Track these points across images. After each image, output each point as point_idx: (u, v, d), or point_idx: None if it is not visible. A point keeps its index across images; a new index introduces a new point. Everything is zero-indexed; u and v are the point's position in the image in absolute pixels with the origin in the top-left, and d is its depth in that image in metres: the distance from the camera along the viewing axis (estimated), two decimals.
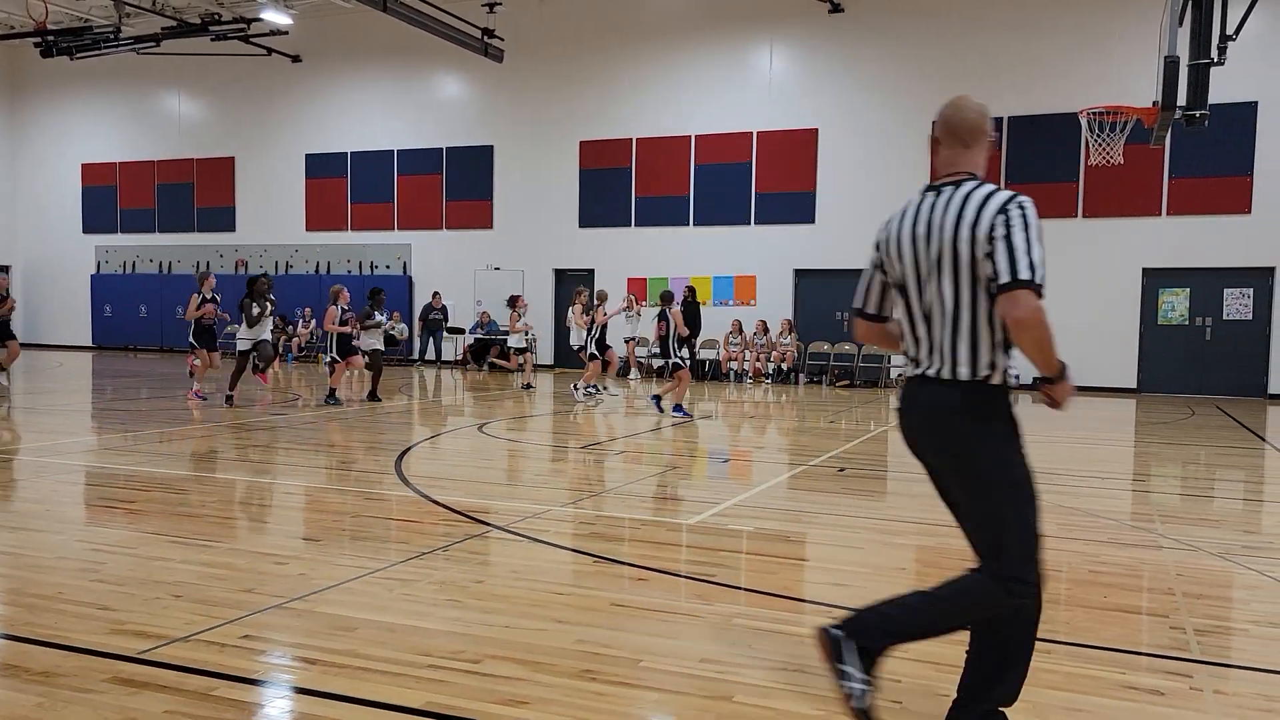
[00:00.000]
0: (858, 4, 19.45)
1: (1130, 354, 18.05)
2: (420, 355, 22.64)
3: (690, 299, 14.95)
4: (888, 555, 5.33)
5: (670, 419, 11.94)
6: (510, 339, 17.08)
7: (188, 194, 25.97)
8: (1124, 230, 17.94)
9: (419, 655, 3.54)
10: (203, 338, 13.04)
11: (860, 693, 2.71)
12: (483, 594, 4.35)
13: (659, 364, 12.71)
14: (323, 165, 24.33)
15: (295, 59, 24.08)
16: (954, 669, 3.47)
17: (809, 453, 9.41)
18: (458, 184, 23.04)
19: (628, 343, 19.27)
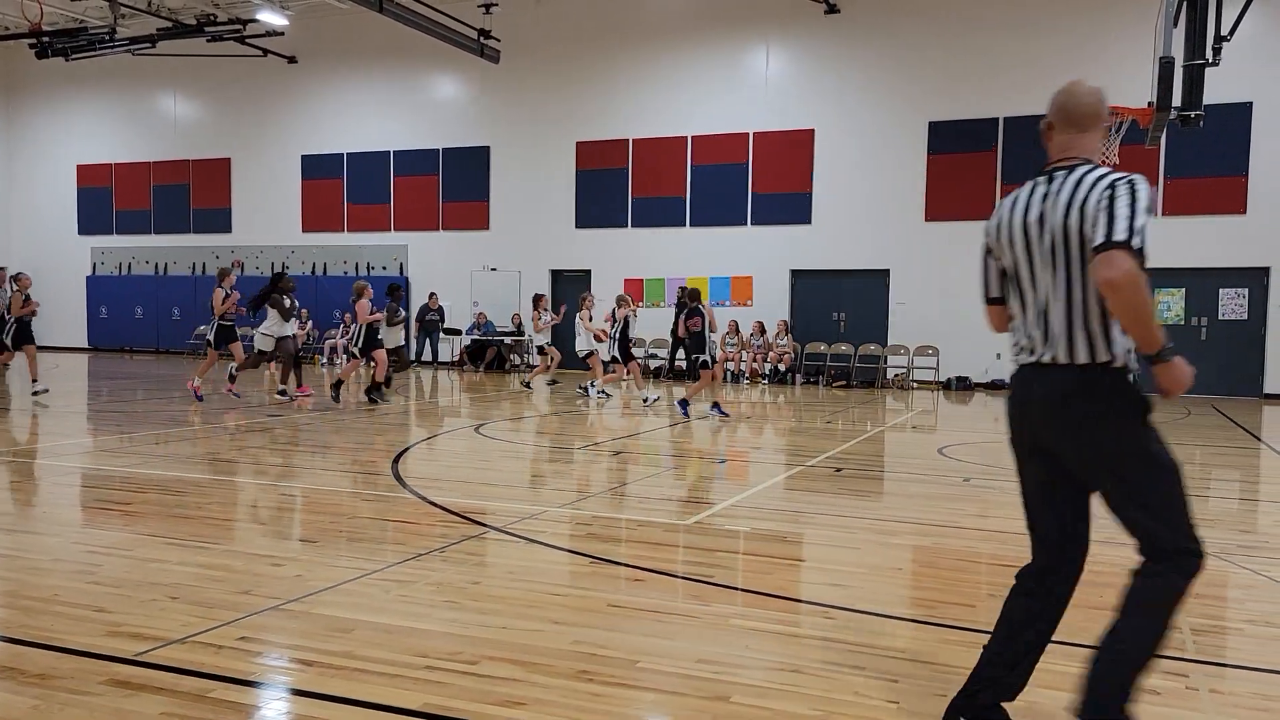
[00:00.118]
0: (854, 5, 19.48)
1: None
2: (417, 356, 22.63)
3: (682, 297, 14.97)
4: (884, 555, 5.34)
5: (704, 417, 11.84)
6: (536, 338, 16.82)
7: (183, 195, 25.94)
8: None
9: (416, 656, 3.54)
10: (223, 335, 12.84)
11: None
12: (479, 595, 4.35)
13: (692, 360, 12.63)
14: (319, 166, 24.31)
15: (291, 60, 24.07)
16: (952, 669, 3.49)
17: (806, 453, 9.42)
18: (454, 185, 23.03)
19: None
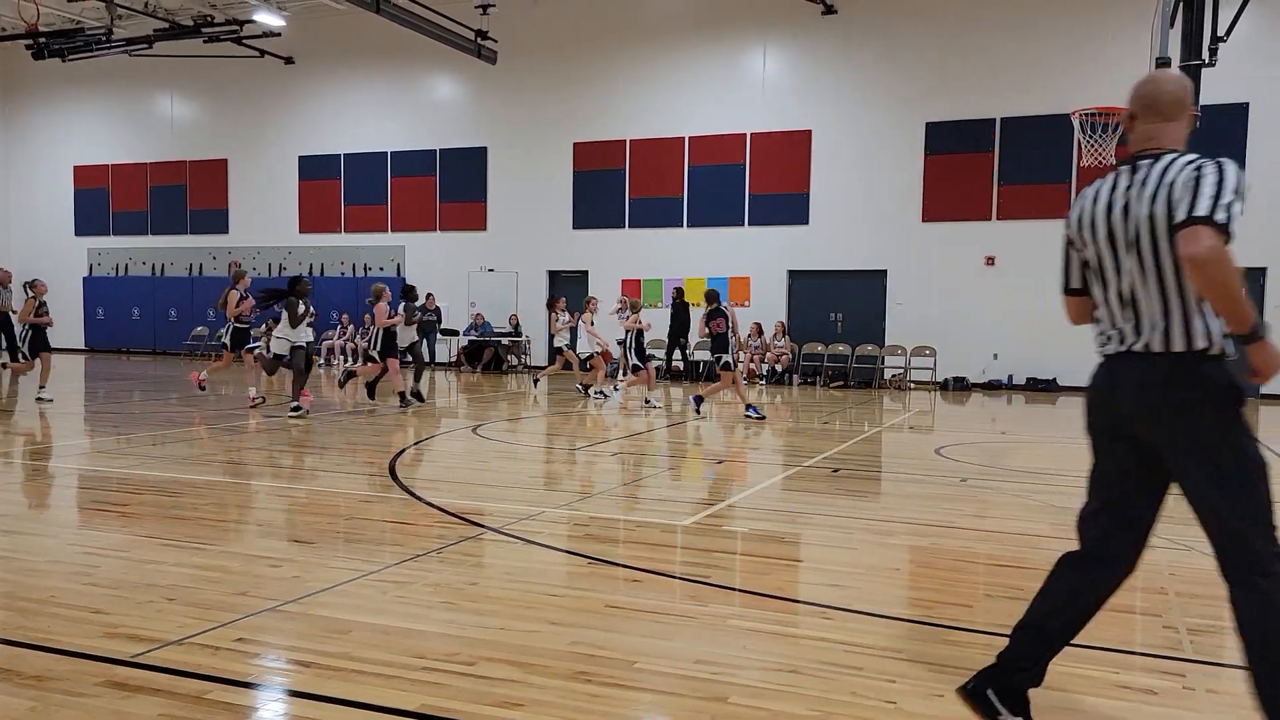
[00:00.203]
0: (851, 6, 19.49)
1: None
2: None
3: (679, 299, 14.97)
4: (882, 556, 5.34)
5: (699, 417, 11.80)
6: (556, 339, 16.59)
7: (180, 196, 25.91)
8: None
9: (413, 657, 3.54)
10: (237, 338, 12.74)
11: None
12: (477, 596, 4.34)
13: (714, 360, 12.59)
14: (316, 167, 24.30)
15: (288, 61, 24.05)
16: (950, 669, 3.48)
17: (803, 454, 9.42)
18: (451, 186, 23.02)
19: (620, 344, 19.22)
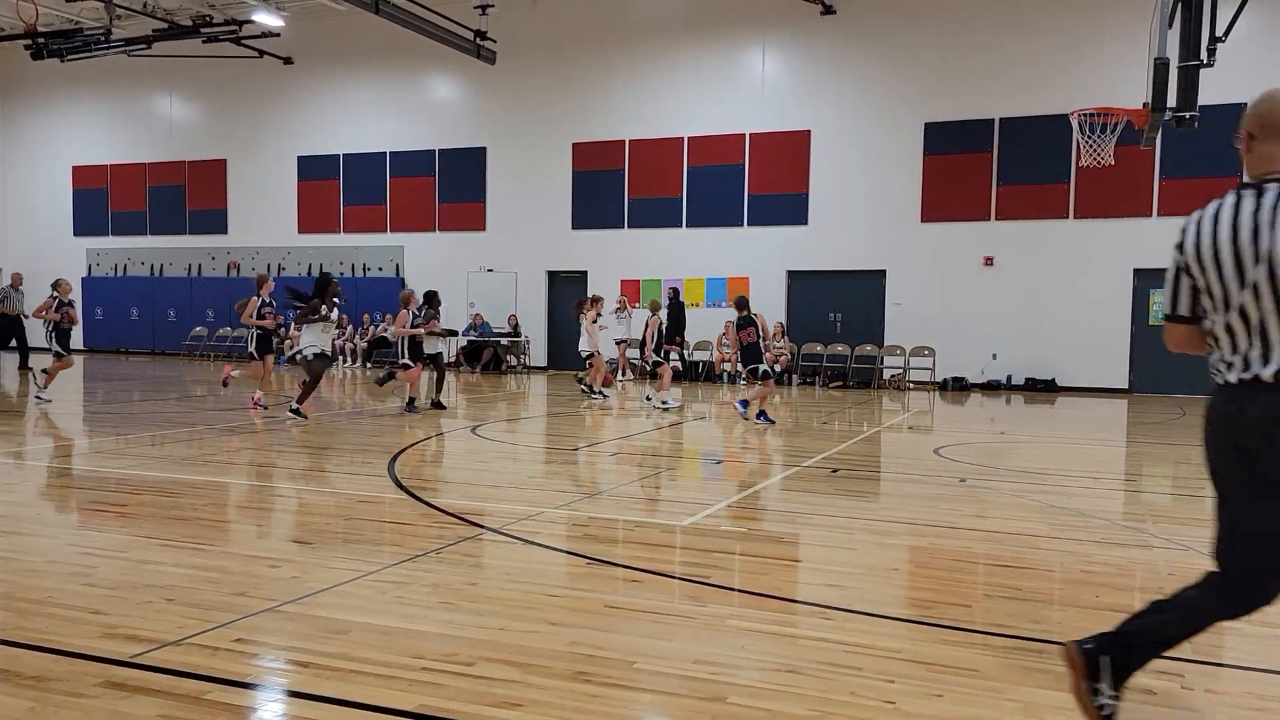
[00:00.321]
0: (850, 6, 19.50)
1: (1121, 354, 18.11)
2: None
3: (676, 299, 14.94)
4: (881, 556, 5.34)
5: (757, 424, 11.76)
6: (583, 343, 16.20)
7: (179, 196, 25.90)
8: (1115, 231, 18.01)
9: (412, 658, 3.54)
10: (262, 344, 12.68)
11: None
12: (476, 596, 4.34)
13: (750, 370, 12.44)
14: (315, 167, 24.29)
15: (287, 61, 24.04)
16: (949, 669, 3.49)
17: (802, 454, 9.42)
18: (450, 186, 23.01)
19: (619, 345, 19.24)
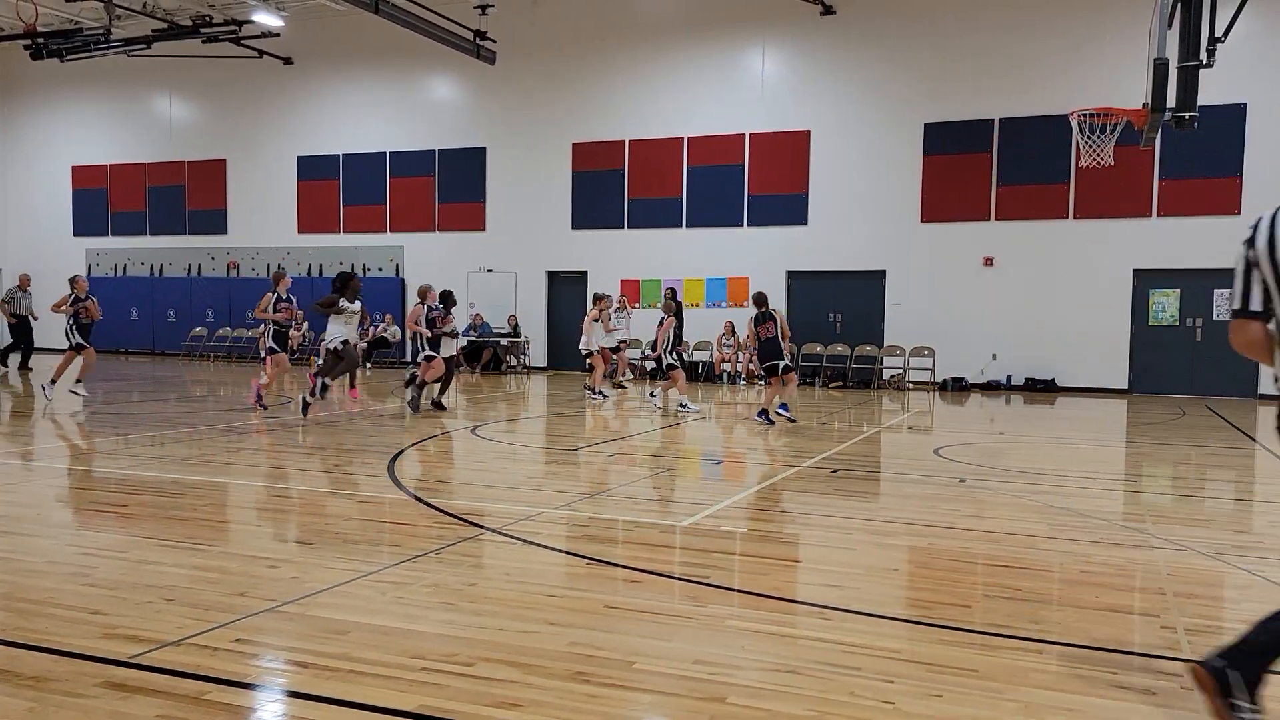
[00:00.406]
0: (850, 6, 19.50)
1: (1121, 355, 18.12)
2: (413, 358, 22.56)
3: (673, 300, 14.94)
4: (880, 556, 5.34)
5: (773, 423, 11.70)
6: (605, 339, 16.15)
7: (179, 196, 25.89)
8: (1115, 231, 18.02)
9: (412, 658, 3.54)
10: (279, 339, 12.69)
11: None
12: (476, 597, 4.35)
13: (768, 367, 12.27)
14: (314, 167, 24.29)
15: (287, 61, 24.04)
16: (948, 669, 3.49)
17: (802, 454, 9.43)
18: (450, 186, 23.01)
19: (618, 344, 19.23)
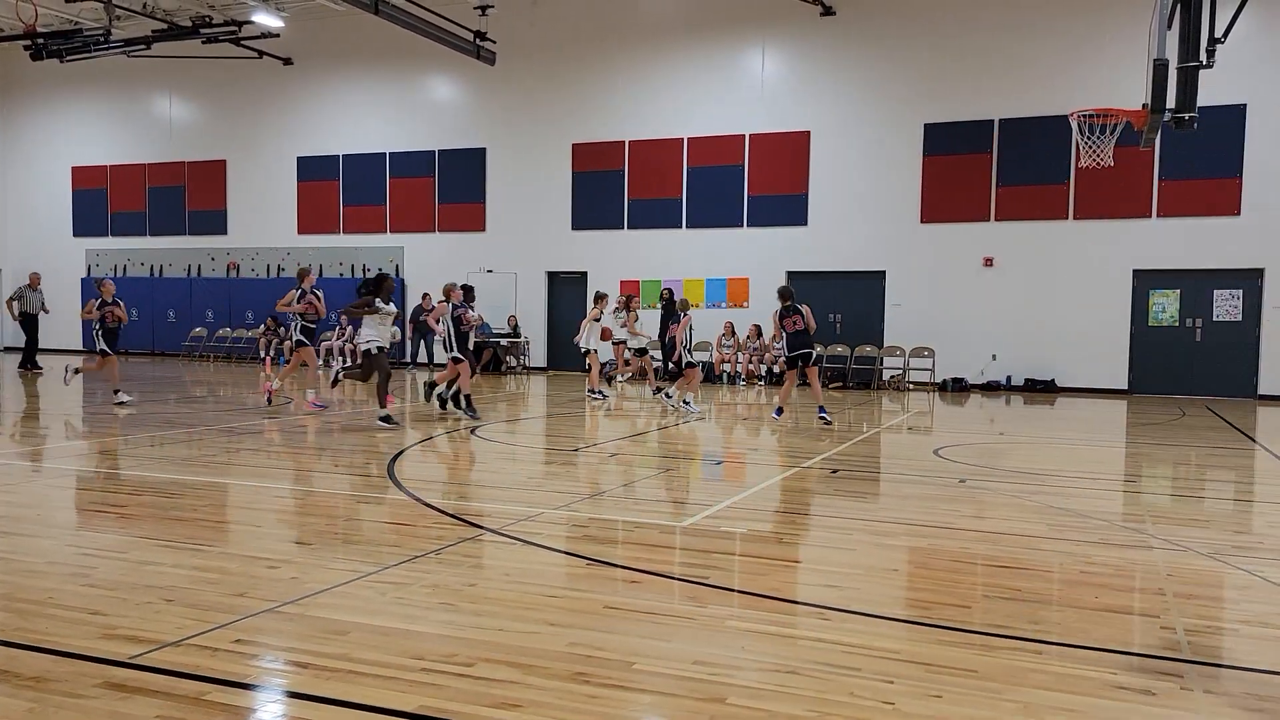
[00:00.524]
0: (850, 7, 19.50)
1: (1121, 355, 18.12)
2: (412, 358, 22.61)
3: (670, 299, 14.91)
4: (880, 557, 5.34)
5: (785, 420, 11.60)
6: (631, 341, 16.05)
7: (179, 197, 25.89)
8: (1115, 232, 18.02)
9: (411, 659, 3.54)
10: (307, 334, 12.59)
11: None
12: (475, 597, 4.35)
13: (791, 359, 12.10)
14: (314, 168, 24.28)
15: (286, 61, 24.04)
16: (948, 670, 3.49)
17: (802, 454, 9.43)
18: (450, 187, 23.02)
19: (617, 345, 19.20)
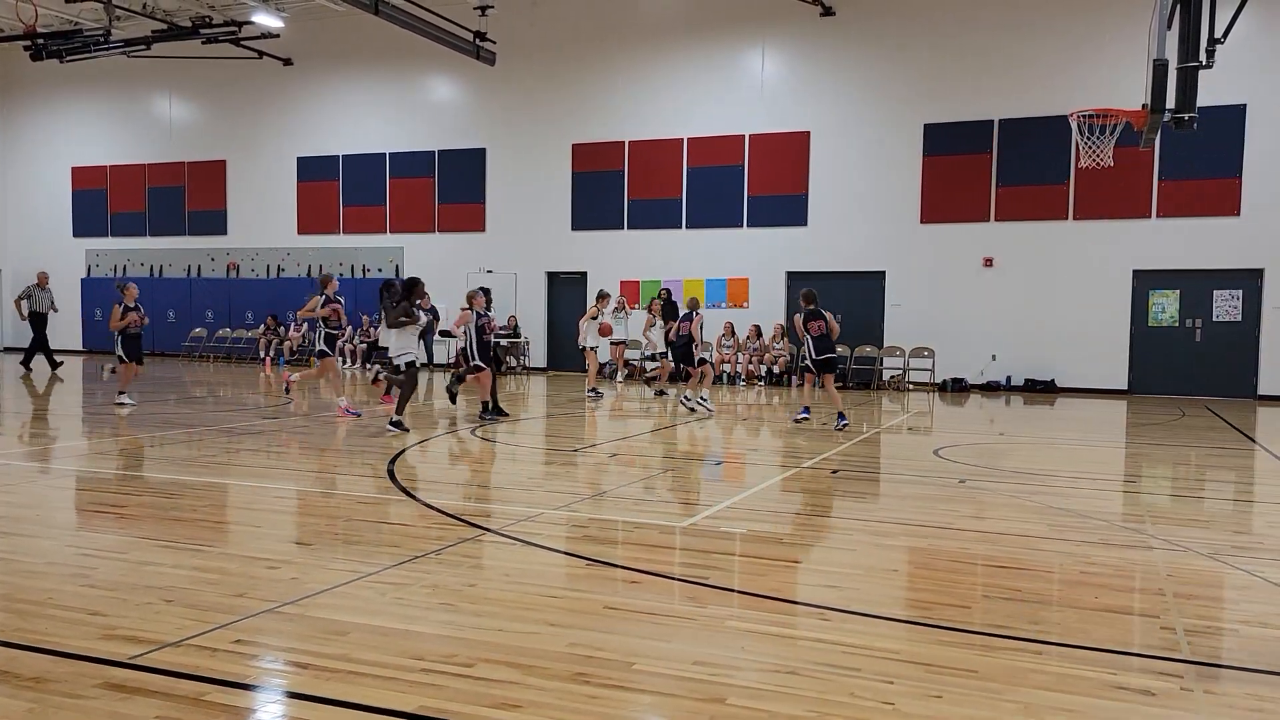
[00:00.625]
0: (849, 7, 19.50)
1: (1121, 355, 18.12)
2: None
3: (668, 299, 14.91)
4: (880, 557, 5.34)
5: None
6: (645, 348, 15.80)
7: (179, 197, 25.89)
8: (1114, 232, 18.02)
9: (411, 659, 3.54)
10: (329, 343, 12.36)
11: None
12: (475, 597, 4.35)
13: (819, 362, 11.91)
14: (314, 168, 24.28)
15: (286, 62, 24.04)
16: (948, 670, 3.49)
17: (802, 455, 9.43)
18: (450, 187, 23.02)
19: (616, 344, 19.22)
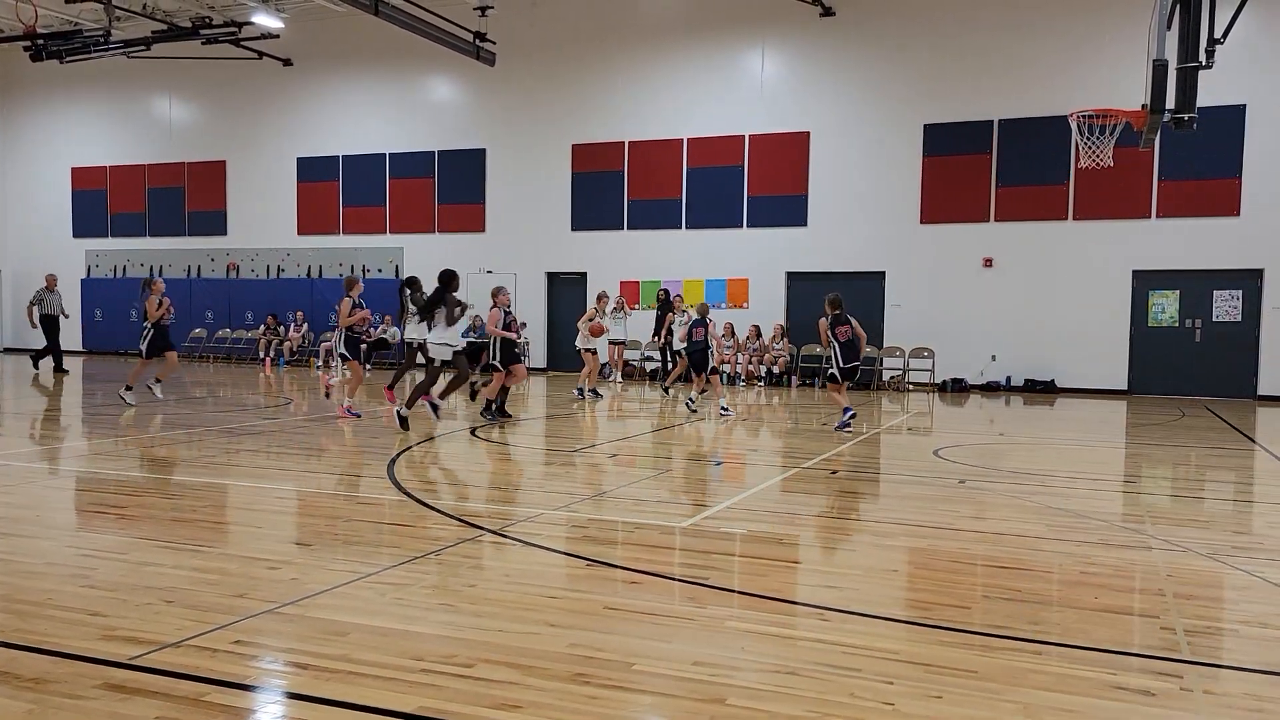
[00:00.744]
0: (849, 8, 19.51)
1: (1121, 356, 18.13)
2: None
3: (666, 299, 14.88)
4: (879, 557, 5.34)
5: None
6: (677, 345, 15.70)
7: (178, 198, 25.90)
8: (1114, 232, 18.03)
9: (411, 659, 3.54)
10: (353, 348, 12.41)
11: None
12: (475, 598, 4.35)
13: (848, 369, 11.77)
14: (314, 169, 24.29)
15: (286, 62, 24.05)
16: (948, 670, 3.49)
17: (802, 455, 9.43)
18: (450, 187, 23.02)
19: (613, 344, 19.21)
